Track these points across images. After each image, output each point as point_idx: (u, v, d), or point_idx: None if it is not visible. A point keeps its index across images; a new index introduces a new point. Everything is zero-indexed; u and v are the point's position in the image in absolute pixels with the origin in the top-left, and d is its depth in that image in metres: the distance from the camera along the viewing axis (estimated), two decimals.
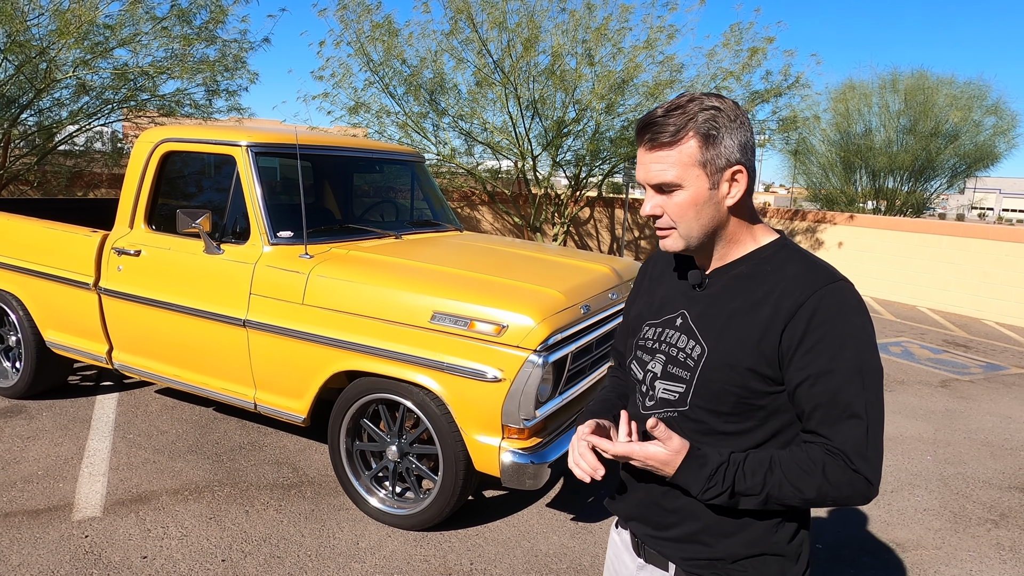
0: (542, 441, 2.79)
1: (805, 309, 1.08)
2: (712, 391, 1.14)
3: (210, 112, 9.25)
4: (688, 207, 1.13)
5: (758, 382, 1.11)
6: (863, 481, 1.06)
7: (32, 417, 3.95)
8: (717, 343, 1.15)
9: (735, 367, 1.12)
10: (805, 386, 1.08)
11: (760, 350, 1.11)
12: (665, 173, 1.12)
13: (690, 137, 1.10)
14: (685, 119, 1.10)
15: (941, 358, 6.96)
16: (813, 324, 1.08)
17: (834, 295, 1.09)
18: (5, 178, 8.43)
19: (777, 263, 1.16)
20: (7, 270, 3.96)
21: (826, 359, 1.07)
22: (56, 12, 6.98)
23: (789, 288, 1.12)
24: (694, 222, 1.14)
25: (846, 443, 1.06)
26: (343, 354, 2.96)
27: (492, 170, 11.79)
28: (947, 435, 4.67)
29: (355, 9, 9.18)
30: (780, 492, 1.07)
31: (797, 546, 1.19)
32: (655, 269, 1.37)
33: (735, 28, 9.42)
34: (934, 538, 3.26)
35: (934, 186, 16.32)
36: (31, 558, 2.64)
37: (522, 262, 3.48)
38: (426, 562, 2.78)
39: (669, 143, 1.11)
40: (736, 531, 1.16)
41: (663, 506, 1.21)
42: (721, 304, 1.18)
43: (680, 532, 1.20)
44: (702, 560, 1.19)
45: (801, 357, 1.08)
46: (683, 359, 1.18)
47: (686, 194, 1.13)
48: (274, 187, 3.57)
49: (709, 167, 1.11)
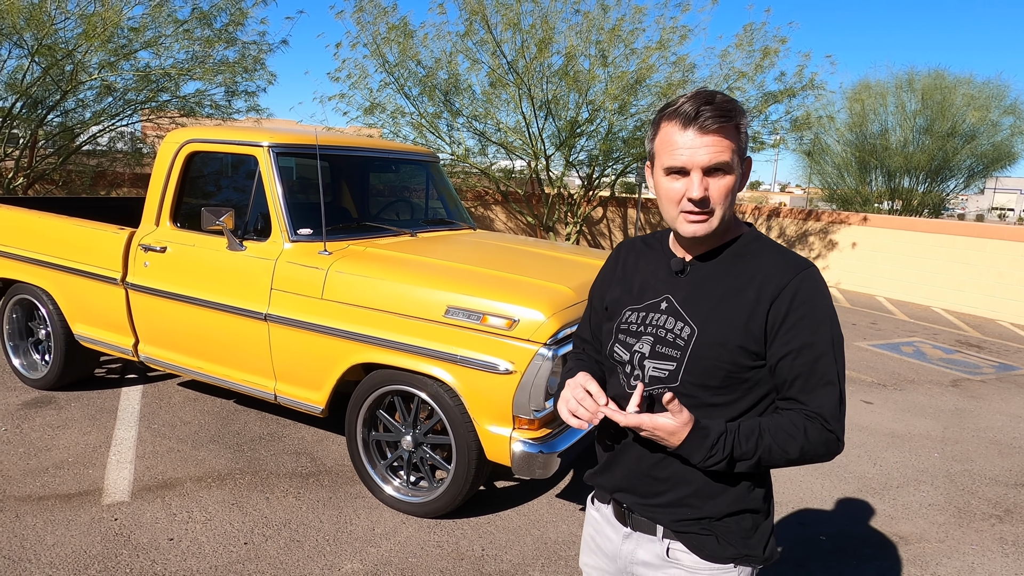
0: (552, 432, 2.88)
1: (788, 291, 1.21)
2: (703, 367, 1.24)
3: (229, 113, 9.44)
4: (730, 191, 1.21)
5: (745, 358, 1.23)
6: (835, 440, 1.21)
7: (61, 407, 4.11)
8: (707, 324, 1.25)
9: (725, 345, 1.23)
10: (788, 359, 1.21)
11: (748, 329, 1.22)
12: (722, 155, 1.17)
13: (736, 125, 1.19)
14: (730, 108, 1.17)
15: (953, 358, 6.96)
16: (795, 304, 1.21)
17: (811, 279, 1.23)
18: (32, 177, 8.65)
19: (754, 251, 1.29)
20: (38, 265, 4.12)
21: (807, 334, 1.20)
22: (82, 16, 7.17)
23: (770, 273, 1.24)
24: (729, 206, 1.23)
25: (823, 407, 1.20)
26: (360, 347, 3.07)
27: (505, 170, 11.90)
28: (955, 433, 4.70)
29: (371, 11, 9.33)
30: (770, 455, 1.20)
31: (767, 502, 1.34)
32: (627, 260, 1.44)
33: (748, 29, 9.46)
34: (937, 532, 3.32)
35: (951, 186, 16.19)
36: (64, 538, 2.77)
37: (533, 259, 3.57)
38: (439, 548, 2.89)
39: (721, 129, 1.17)
40: (720, 492, 1.28)
41: (654, 476, 1.31)
42: (707, 289, 1.28)
43: (670, 498, 1.31)
44: (690, 520, 1.30)
45: (785, 333, 1.21)
46: (672, 339, 1.27)
47: (731, 179, 1.20)
48: (294, 186, 3.68)
49: (740, 155, 1.22)
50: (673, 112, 1.20)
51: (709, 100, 1.17)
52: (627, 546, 1.37)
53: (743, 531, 1.30)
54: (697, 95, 1.18)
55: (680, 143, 1.19)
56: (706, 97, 1.18)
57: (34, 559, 2.62)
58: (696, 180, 1.18)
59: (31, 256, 4.13)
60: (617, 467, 1.38)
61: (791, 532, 3.23)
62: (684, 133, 1.18)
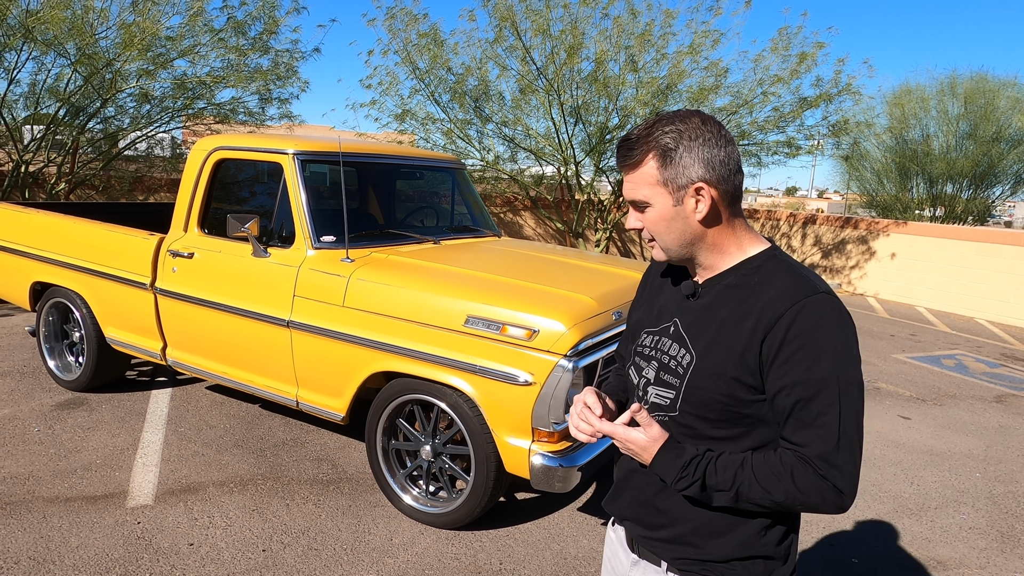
0: (572, 445, 2.82)
1: (783, 321, 1.10)
2: (699, 398, 1.18)
3: (263, 119, 9.60)
4: (658, 222, 1.20)
5: (742, 391, 1.14)
6: (832, 490, 1.08)
7: (92, 409, 4.19)
8: (706, 352, 1.18)
9: (721, 376, 1.15)
10: (782, 395, 1.11)
11: (744, 360, 1.13)
12: (636, 192, 1.20)
13: (649, 158, 1.17)
14: (644, 141, 1.17)
15: (998, 372, 6.69)
16: (790, 336, 1.10)
17: (812, 307, 1.11)
18: (73, 183, 8.91)
19: (765, 274, 1.18)
20: (73, 270, 4.21)
21: (802, 370, 1.09)
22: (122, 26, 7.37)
23: (772, 299, 1.14)
24: (666, 235, 1.21)
25: (816, 450, 1.08)
26: (381, 355, 3.06)
27: (535, 176, 11.87)
28: (999, 452, 4.50)
29: (403, 19, 9.40)
30: (750, 491, 1.11)
31: (785, 548, 1.22)
32: (654, 279, 1.41)
33: (783, 32, 9.27)
34: (978, 557, 3.16)
35: (996, 193, 15.65)
36: (88, 540, 2.81)
37: (556, 268, 3.53)
38: (457, 560, 2.85)
39: (634, 164, 1.19)
40: (726, 531, 1.19)
41: (655, 506, 1.26)
42: (711, 314, 1.21)
43: (670, 533, 1.24)
44: (692, 560, 1.22)
45: (778, 367, 1.10)
46: (674, 366, 1.22)
47: (655, 211, 1.20)
48: (319, 193, 3.70)
49: (670, 185, 1.17)
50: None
51: (625, 139, 1.19)
52: (634, 573, 1.33)
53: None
54: (626, 134, 1.21)
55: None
56: (624, 137, 1.20)
57: (58, 560, 2.66)
58: (631, 214, 1.24)
59: (67, 260, 4.23)
60: (623, 493, 1.34)
61: (820, 554, 3.12)
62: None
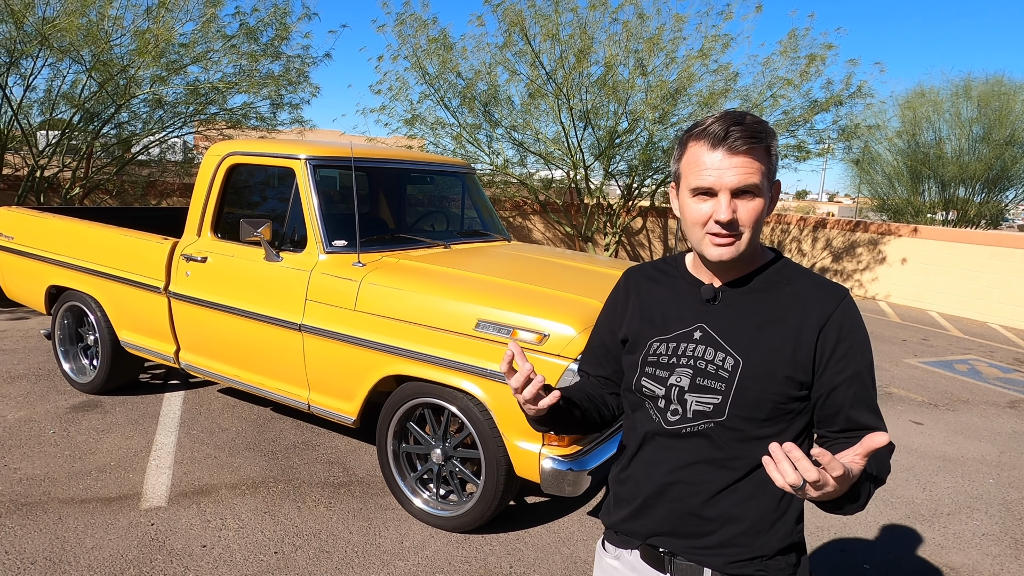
0: (582, 449, 2.83)
1: (835, 319, 1.20)
2: (750, 399, 1.18)
3: (274, 124, 9.68)
4: (759, 214, 1.17)
5: (792, 388, 1.19)
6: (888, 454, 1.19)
7: (106, 411, 4.23)
8: (750, 354, 1.19)
9: (772, 376, 1.18)
10: (842, 388, 1.19)
11: (795, 358, 1.19)
12: (752, 176, 1.14)
13: (767, 148, 1.15)
14: (761, 130, 1.13)
15: (1011, 377, 6.63)
16: (844, 332, 1.19)
17: (852, 306, 1.22)
18: (87, 187, 9.01)
19: (788, 277, 1.25)
20: (88, 274, 4.26)
21: (857, 360, 1.20)
22: (136, 32, 7.46)
23: (811, 300, 1.22)
24: (755, 230, 1.18)
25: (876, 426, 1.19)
26: (391, 359, 3.08)
27: (545, 180, 11.88)
28: (1013, 458, 4.46)
29: (412, 24, 9.46)
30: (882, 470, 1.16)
31: (802, 535, 1.29)
32: (639, 288, 1.37)
33: (792, 35, 9.26)
34: (992, 564, 3.14)
35: (1010, 196, 15.52)
36: (103, 541, 2.84)
37: (566, 272, 3.54)
38: (467, 563, 2.86)
39: (750, 151, 1.13)
40: (770, 527, 1.23)
41: (702, 516, 1.23)
42: (744, 317, 1.22)
43: (719, 538, 1.23)
44: (743, 561, 1.23)
45: (836, 363, 1.19)
46: (714, 371, 1.20)
47: (759, 202, 1.16)
48: (330, 198, 3.73)
49: (770, 178, 1.18)
50: (701, 132, 1.16)
51: (739, 120, 1.13)
52: None
53: (790, 567, 1.24)
54: (726, 115, 1.15)
55: (708, 163, 1.15)
56: (736, 118, 1.14)
57: (73, 561, 2.69)
58: (724, 201, 1.14)
59: (82, 264, 4.28)
60: (655, 510, 1.28)
61: (832, 559, 3.10)
62: (712, 153, 1.14)
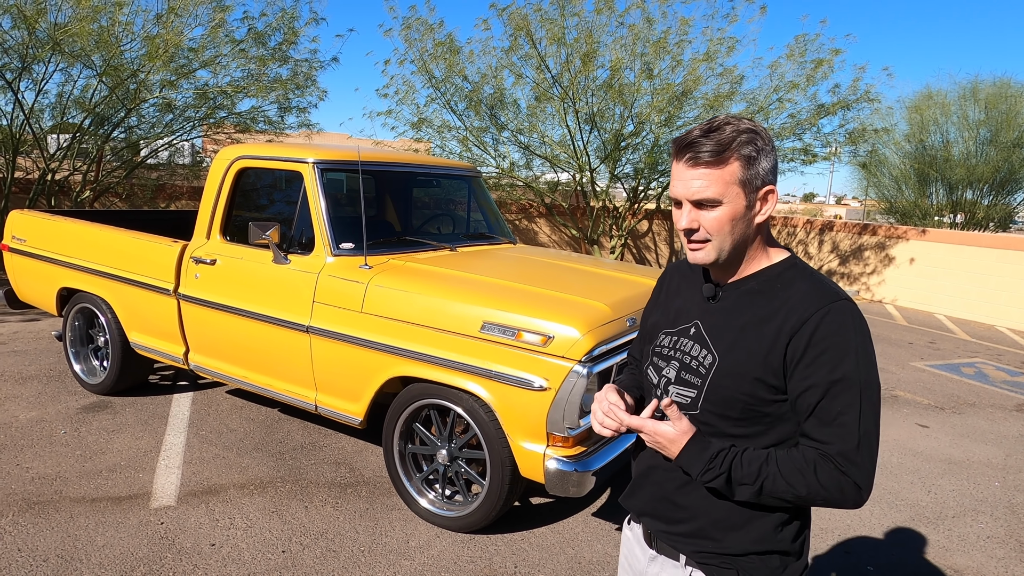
0: (587, 450, 2.85)
1: (808, 325, 1.17)
2: (721, 397, 1.23)
3: (282, 128, 9.75)
4: (725, 222, 1.20)
5: (764, 391, 1.20)
6: (852, 485, 1.13)
7: (116, 412, 4.28)
8: (727, 353, 1.23)
9: (743, 376, 1.20)
10: (806, 395, 1.17)
11: (767, 361, 1.19)
12: (707, 190, 1.18)
13: (734, 158, 1.18)
14: (728, 140, 1.17)
15: (1018, 381, 6.61)
16: (815, 339, 1.16)
17: (836, 313, 1.17)
18: (98, 190, 9.10)
19: (786, 280, 1.25)
20: (98, 276, 4.32)
21: (826, 371, 1.15)
22: (146, 38, 7.54)
23: (795, 305, 1.20)
24: (728, 237, 1.21)
25: (837, 448, 1.14)
26: (398, 360, 3.11)
27: (550, 183, 11.91)
28: (1019, 461, 4.45)
29: (419, 28, 9.51)
30: (774, 486, 1.15)
31: (800, 545, 1.27)
32: (671, 282, 1.45)
33: (800, 39, 9.26)
34: (996, 567, 3.14)
35: (1018, 199, 15.45)
36: (114, 540, 2.88)
37: (571, 275, 3.56)
38: (472, 563, 2.89)
39: (713, 162, 1.17)
40: (743, 525, 1.24)
41: (675, 502, 1.30)
42: (733, 317, 1.26)
43: (690, 527, 1.28)
44: (711, 553, 1.26)
45: (803, 369, 1.17)
46: (695, 366, 1.27)
47: (725, 210, 1.19)
48: (338, 201, 3.77)
49: (747, 187, 1.19)
50: (676, 141, 1.22)
51: (708, 132, 1.17)
52: (652, 568, 1.36)
53: (770, 570, 1.25)
54: (704, 125, 1.19)
55: (676, 174, 1.22)
56: (708, 128, 1.18)
57: (84, 559, 2.73)
58: (685, 211, 1.22)
59: (92, 267, 4.34)
60: (642, 490, 1.38)
61: (835, 561, 3.11)
62: (679, 165, 1.21)
